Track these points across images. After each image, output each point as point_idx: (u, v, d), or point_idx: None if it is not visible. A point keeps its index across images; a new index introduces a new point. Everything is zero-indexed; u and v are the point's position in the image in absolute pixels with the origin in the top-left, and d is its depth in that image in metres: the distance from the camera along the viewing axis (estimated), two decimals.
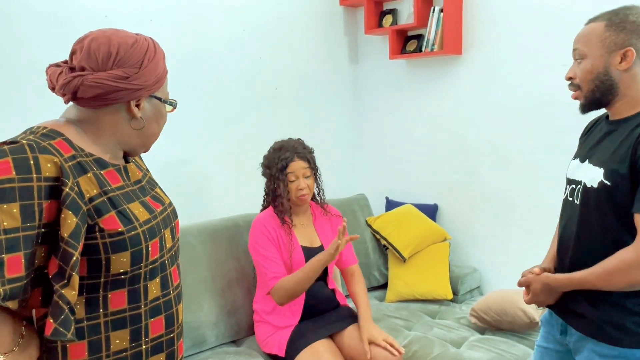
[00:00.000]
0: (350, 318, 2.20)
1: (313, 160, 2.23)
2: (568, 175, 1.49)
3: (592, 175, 1.34)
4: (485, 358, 2.09)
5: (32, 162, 0.90)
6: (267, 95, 2.92)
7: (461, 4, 2.79)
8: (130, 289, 1.03)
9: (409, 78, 3.13)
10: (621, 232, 1.29)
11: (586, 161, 1.40)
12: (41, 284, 0.95)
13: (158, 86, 1.09)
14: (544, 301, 1.46)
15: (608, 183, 1.30)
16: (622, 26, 1.30)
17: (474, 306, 2.40)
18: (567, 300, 1.42)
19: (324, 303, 2.22)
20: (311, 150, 2.25)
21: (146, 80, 1.04)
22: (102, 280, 1.00)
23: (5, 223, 0.86)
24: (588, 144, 1.45)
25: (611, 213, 1.31)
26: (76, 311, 0.97)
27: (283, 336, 2.09)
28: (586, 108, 1.41)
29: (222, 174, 2.74)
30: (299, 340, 2.05)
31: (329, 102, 3.25)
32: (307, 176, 2.18)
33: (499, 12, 2.67)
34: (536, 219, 2.63)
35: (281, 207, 2.17)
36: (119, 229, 0.99)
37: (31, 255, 0.90)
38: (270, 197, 2.24)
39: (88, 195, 0.97)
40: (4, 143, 0.92)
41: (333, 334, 2.15)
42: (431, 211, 3.01)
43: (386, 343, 2.02)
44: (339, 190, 3.18)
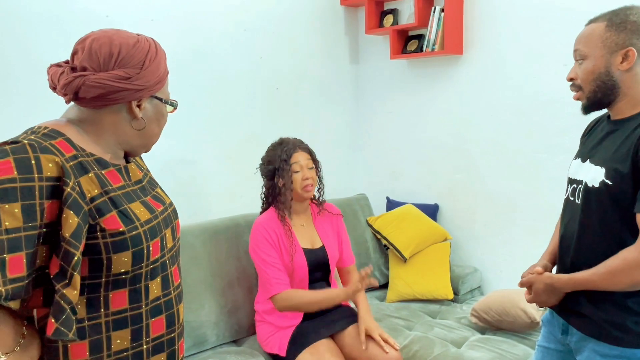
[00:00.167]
0: (351, 317, 2.20)
1: (314, 154, 2.24)
2: (569, 174, 1.49)
3: (594, 174, 1.34)
4: (486, 358, 2.09)
5: (34, 162, 0.90)
6: (268, 95, 2.92)
7: (462, 4, 2.79)
8: (131, 289, 1.03)
9: (410, 78, 3.12)
10: (623, 232, 1.30)
11: (587, 161, 1.40)
12: (42, 284, 0.95)
13: (159, 87, 1.09)
14: (546, 301, 1.46)
15: (609, 183, 1.30)
16: (623, 26, 1.30)
17: (475, 306, 2.40)
18: (569, 300, 1.42)
19: None
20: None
21: (147, 80, 1.04)
22: (103, 280, 1.00)
23: (6, 223, 0.86)
24: (589, 144, 1.45)
25: (613, 213, 1.31)
26: (77, 311, 0.97)
27: (284, 336, 2.09)
28: (588, 109, 1.41)
29: (223, 174, 2.74)
30: (300, 340, 2.05)
31: (330, 102, 3.25)
32: (310, 168, 2.18)
33: (500, 12, 2.67)
34: (537, 219, 2.63)
35: (284, 201, 2.13)
36: (120, 229, 0.99)
37: (33, 255, 0.90)
38: (271, 196, 2.22)
39: (89, 195, 0.97)
40: (6, 143, 0.92)
41: (334, 334, 2.15)
42: (432, 211, 3.01)
43: (381, 338, 2.03)
44: (340, 190, 3.18)
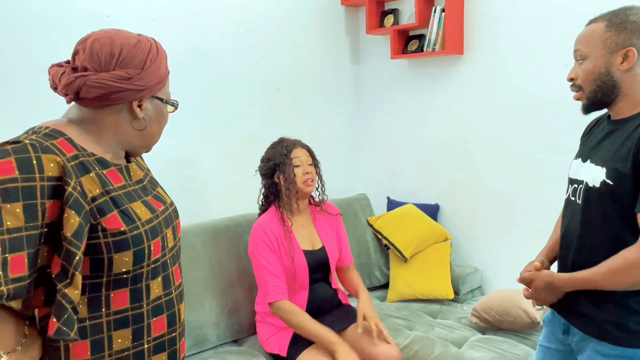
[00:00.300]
0: (352, 317, 2.20)
1: (314, 153, 2.25)
2: (570, 174, 1.49)
3: (594, 174, 1.35)
4: (486, 358, 2.09)
5: (35, 162, 0.90)
6: (269, 95, 2.92)
7: (463, 4, 2.79)
8: (132, 289, 1.04)
9: (411, 78, 3.13)
10: (623, 232, 1.30)
11: (588, 161, 1.40)
12: (44, 284, 0.95)
13: (160, 87, 1.09)
14: (545, 299, 1.46)
15: (610, 182, 1.30)
16: (623, 26, 1.30)
17: (475, 306, 2.40)
18: (570, 299, 1.42)
19: (327, 303, 2.22)
20: None
21: (149, 81, 1.05)
22: (105, 279, 1.00)
23: (8, 223, 0.86)
24: (590, 144, 1.45)
25: (613, 212, 1.31)
26: (78, 310, 0.97)
27: (285, 336, 2.09)
28: (588, 109, 1.41)
29: (224, 174, 2.74)
30: (301, 340, 2.05)
31: (331, 102, 3.26)
32: (310, 164, 2.19)
33: (501, 12, 2.67)
34: (537, 219, 2.63)
35: (289, 195, 2.13)
36: (122, 229, 0.99)
37: (34, 254, 0.90)
38: (272, 195, 2.21)
39: (90, 194, 0.97)
40: (7, 143, 0.92)
41: (336, 333, 2.15)
42: (432, 211, 3.01)
43: (376, 328, 2.04)
44: (341, 190, 3.18)
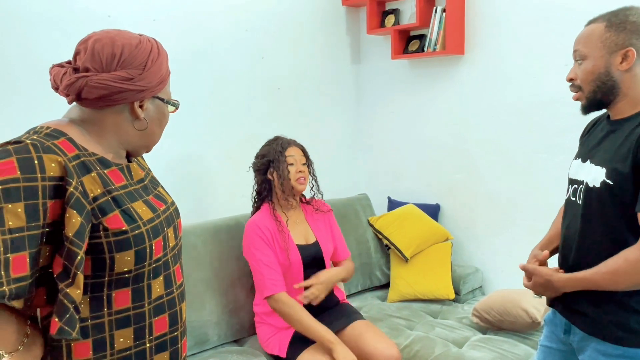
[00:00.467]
0: (351, 315, 2.20)
1: (308, 153, 2.27)
2: (570, 175, 1.49)
3: (595, 175, 1.35)
4: (487, 358, 2.09)
5: (37, 162, 0.90)
6: (270, 95, 2.92)
7: (463, 4, 2.79)
8: (134, 288, 1.04)
9: (411, 78, 3.13)
10: (624, 231, 1.30)
11: (588, 161, 1.40)
12: (46, 283, 0.96)
13: (161, 87, 1.09)
14: (542, 293, 1.47)
15: (610, 182, 1.30)
16: (623, 26, 1.30)
17: (476, 306, 2.40)
18: (571, 299, 1.42)
19: (325, 301, 2.22)
20: None
21: (150, 81, 1.05)
22: (106, 279, 1.00)
23: (10, 223, 0.86)
24: (589, 144, 1.45)
25: (614, 212, 1.31)
26: (80, 310, 0.97)
27: (284, 337, 2.09)
28: (588, 109, 1.41)
29: (225, 174, 2.74)
30: (300, 340, 2.05)
31: (331, 102, 3.26)
32: (304, 163, 2.22)
33: (502, 12, 2.67)
34: (538, 219, 2.62)
35: (284, 190, 2.16)
36: (123, 228, 0.99)
37: (36, 254, 0.90)
38: (265, 191, 2.24)
39: (92, 194, 0.97)
40: (8, 143, 0.92)
41: (334, 333, 2.15)
42: (433, 211, 3.01)
43: (311, 287, 2.08)
44: (341, 190, 3.18)
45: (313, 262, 2.21)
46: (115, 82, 1.00)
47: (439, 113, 3.01)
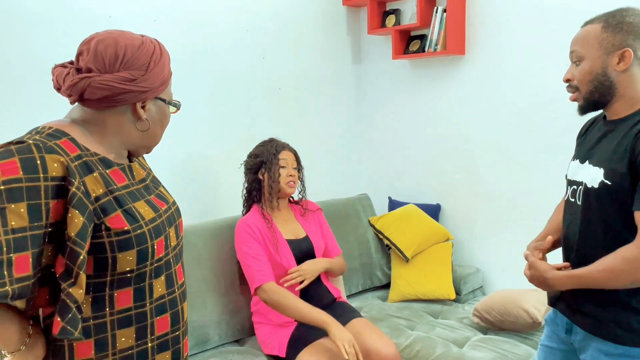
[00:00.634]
0: (349, 313, 2.20)
1: (299, 158, 2.32)
2: (568, 176, 1.49)
3: (593, 175, 1.35)
4: (487, 358, 2.09)
5: (39, 162, 0.90)
6: (271, 95, 2.92)
7: (464, 4, 2.80)
8: (135, 288, 1.04)
9: (412, 78, 3.13)
10: (624, 231, 1.30)
11: (586, 162, 1.41)
12: (48, 283, 0.96)
13: (163, 88, 1.09)
14: (538, 287, 1.47)
15: (609, 183, 1.30)
16: (619, 27, 1.31)
17: (477, 306, 2.40)
18: (573, 299, 1.42)
19: (322, 297, 2.23)
20: None
21: (152, 82, 1.05)
22: (108, 279, 1.00)
23: (13, 222, 0.87)
24: (586, 145, 1.46)
25: (613, 212, 1.31)
26: (83, 310, 0.98)
27: (283, 336, 2.10)
28: (585, 109, 1.42)
29: (225, 174, 2.74)
30: (299, 340, 2.05)
31: (332, 102, 3.26)
32: (295, 167, 2.27)
33: (502, 13, 2.68)
34: (538, 219, 2.60)
35: (272, 191, 2.20)
36: (125, 228, 0.99)
37: (38, 254, 0.90)
38: (255, 190, 2.28)
39: (94, 194, 0.98)
40: (11, 143, 0.93)
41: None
42: (434, 211, 3.02)
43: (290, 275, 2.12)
44: (342, 190, 3.18)
45: (305, 258, 2.23)
46: (118, 83, 1.00)
47: (440, 113, 3.01)
